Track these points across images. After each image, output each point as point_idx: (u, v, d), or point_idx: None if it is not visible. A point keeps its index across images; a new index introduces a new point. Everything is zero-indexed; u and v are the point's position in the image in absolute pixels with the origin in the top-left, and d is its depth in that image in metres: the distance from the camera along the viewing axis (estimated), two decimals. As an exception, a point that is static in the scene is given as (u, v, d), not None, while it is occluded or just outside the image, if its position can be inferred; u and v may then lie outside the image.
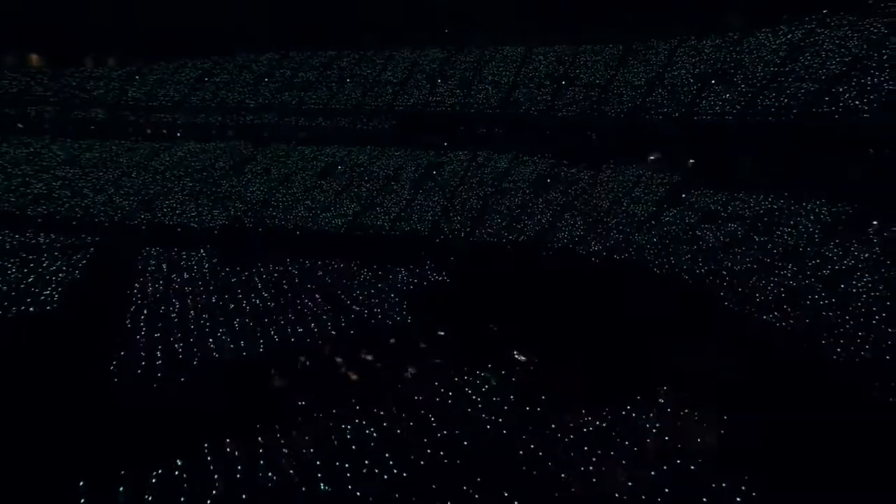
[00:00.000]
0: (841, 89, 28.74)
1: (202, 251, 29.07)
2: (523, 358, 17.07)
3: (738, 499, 10.30)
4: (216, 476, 10.79)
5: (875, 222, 25.65)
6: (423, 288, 24.45)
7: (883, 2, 32.78)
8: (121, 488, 10.26)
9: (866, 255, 22.36)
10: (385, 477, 10.95)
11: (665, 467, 11.21)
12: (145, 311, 19.80)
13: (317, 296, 22.11)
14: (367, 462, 11.28)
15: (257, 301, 21.51)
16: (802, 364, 16.83)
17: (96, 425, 12.63)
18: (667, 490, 10.56)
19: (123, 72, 55.84)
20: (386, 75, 48.26)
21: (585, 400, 13.71)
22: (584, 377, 15.19)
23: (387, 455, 11.54)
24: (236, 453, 11.55)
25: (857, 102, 27.52)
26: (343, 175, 42.04)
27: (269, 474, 10.89)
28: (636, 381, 14.88)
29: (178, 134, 49.79)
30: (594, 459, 11.50)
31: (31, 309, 20.37)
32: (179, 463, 10.98)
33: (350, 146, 45.44)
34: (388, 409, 13.38)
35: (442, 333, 18.81)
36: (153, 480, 10.52)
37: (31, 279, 23.11)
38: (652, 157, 39.90)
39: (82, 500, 9.99)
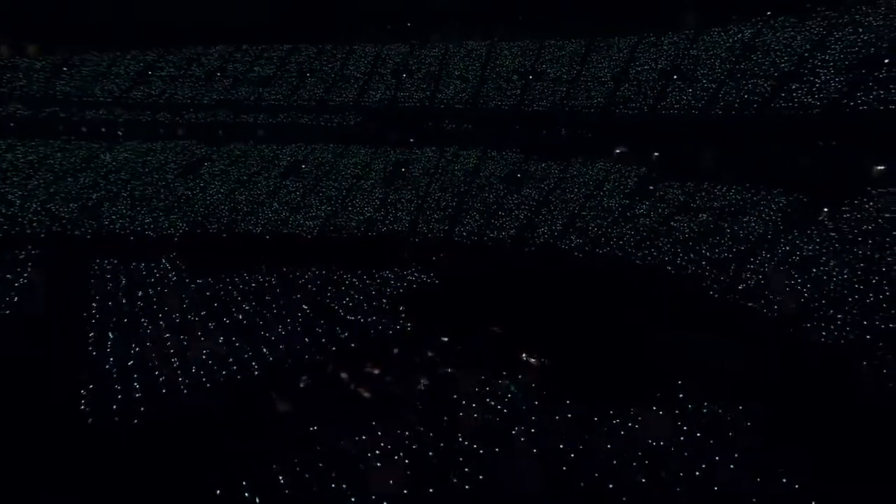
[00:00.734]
0: (793, 87, 30.65)
1: (164, 261, 26.73)
2: (533, 360, 16.92)
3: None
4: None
5: (826, 209, 27.75)
6: (412, 291, 23.76)
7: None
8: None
9: (825, 240, 24.03)
10: None
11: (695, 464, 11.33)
12: (111, 335, 17.67)
13: (304, 306, 20.85)
14: (402, 491, 10.58)
15: (239, 316, 19.91)
16: (796, 350, 17.78)
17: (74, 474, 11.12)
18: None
19: (48, 62, 50.35)
20: (349, 70, 46.58)
21: (607, 400, 13.68)
22: (600, 377, 15.23)
23: (421, 482, 10.90)
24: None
25: (808, 99, 29.46)
26: (309, 175, 40.26)
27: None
28: (651, 378, 15.10)
29: (120, 133, 45.68)
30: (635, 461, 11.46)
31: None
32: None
33: (313, 144, 43.61)
34: (411, 428, 12.66)
35: (446, 339, 18.28)
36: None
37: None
38: (618, 151, 41.09)
39: None
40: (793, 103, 29.84)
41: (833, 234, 24.44)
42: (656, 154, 39.12)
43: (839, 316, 18.60)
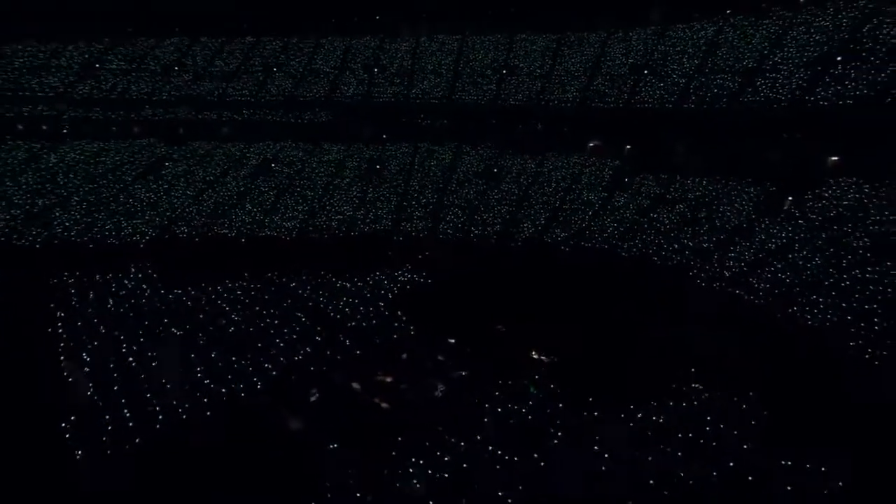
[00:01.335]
0: (758, 82, 32.18)
1: (134, 271, 24.73)
2: (543, 358, 16.90)
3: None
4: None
5: (790, 198, 29.45)
6: (407, 292, 23.22)
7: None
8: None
9: (795, 227, 25.47)
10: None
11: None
12: (87, 358, 15.91)
13: (299, 314, 19.86)
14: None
15: (231, 328, 18.61)
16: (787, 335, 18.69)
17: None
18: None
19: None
20: (317, 64, 44.89)
21: (627, 395, 13.83)
22: (612, 371, 15.40)
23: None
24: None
25: (772, 94, 31.03)
26: (281, 174, 38.59)
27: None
28: (663, 369, 15.40)
29: (65, 131, 42.02)
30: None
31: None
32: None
33: (282, 142, 41.83)
34: (438, 438, 12.22)
35: (452, 341, 17.95)
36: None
37: None
38: (591, 144, 41.90)
39: None
40: (759, 98, 31.32)
41: (802, 221, 25.97)
42: (628, 147, 40.24)
43: (820, 300, 19.76)
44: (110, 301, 20.71)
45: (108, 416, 12.95)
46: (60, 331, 17.94)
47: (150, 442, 12.33)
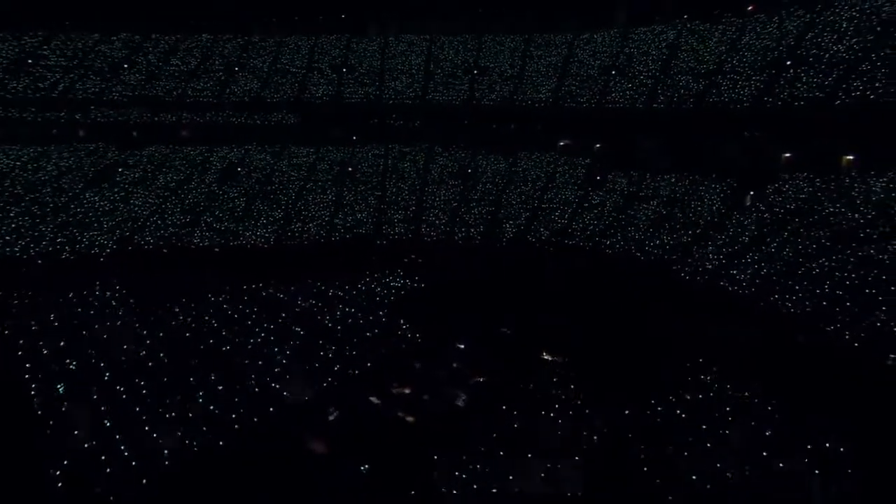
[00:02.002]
0: (721, 83, 34.01)
1: (99, 287, 22.57)
2: (554, 358, 16.99)
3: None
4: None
5: (751, 192, 31.40)
6: (401, 297, 22.68)
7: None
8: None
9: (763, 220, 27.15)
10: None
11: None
12: (61, 391, 14.04)
13: (298, 329, 18.84)
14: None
15: (226, 347, 17.26)
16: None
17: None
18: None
19: None
20: (282, 64, 43.06)
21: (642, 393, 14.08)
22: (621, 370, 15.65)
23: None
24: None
25: (734, 94, 32.89)
26: (248, 178, 36.72)
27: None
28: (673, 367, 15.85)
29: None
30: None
31: None
32: None
33: (247, 145, 39.83)
34: (476, 450, 11.92)
35: (462, 346, 17.69)
36: None
37: None
38: (562, 143, 42.81)
39: None
40: (722, 98, 33.10)
41: (766, 214, 27.74)
42: (598, 146, 41.43)
43: (797, 287, 21.12)
44: (79, 321, 18.80)
45: (103, 458, 11.53)
46: (26, 360, 16.05)
47: (159, 482, 11.12)
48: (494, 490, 10.76)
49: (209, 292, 21.62)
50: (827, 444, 11.66)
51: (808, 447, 11.60)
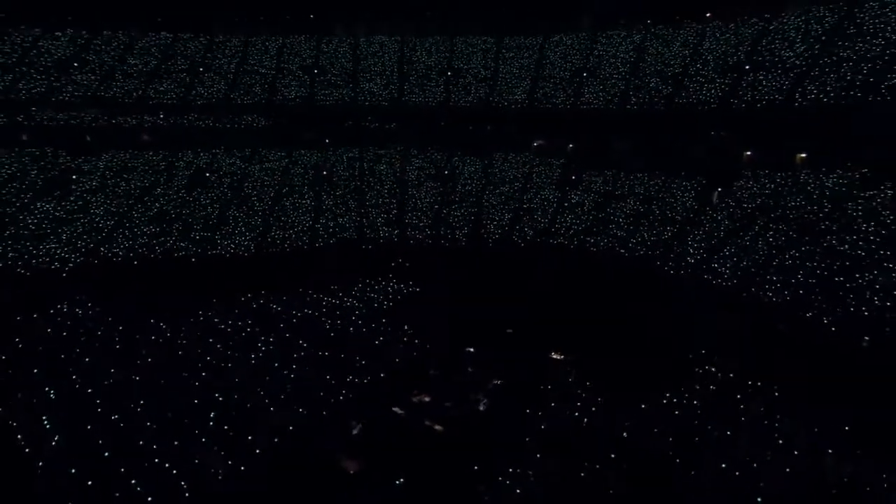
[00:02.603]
0: (690, 86, 35.63)
1: (67, 304, 20.62)
2: (562, 357, 17.16)
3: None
4: None
5: (718, 189, 33.09)
6: (398, 302, 22.23)
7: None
8: None
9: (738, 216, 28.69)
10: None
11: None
12: (48, 422, 12.76)
13: (300, 341, 17.96)
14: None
15: (228, 364, 16.20)
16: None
17: None
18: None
19: None
20: (250, 65, 41.26)
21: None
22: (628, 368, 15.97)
23: None
24: None
25: (702, 96, 34.55)
26: (219, 184, 34.91)
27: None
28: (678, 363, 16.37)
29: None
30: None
31: None
32: None
33: (214, 149, 37.89)
34: (519, 456, 11.76)
35: (471, 350, 17.54)
36: None
37: None
38: (535, 144, 43.51)
39: None
40: (690, 99, 34.69)
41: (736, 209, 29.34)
42: (571, 146, 42.40)
43: (776, 278, 22.43)
44: (52, 342, 17.13)
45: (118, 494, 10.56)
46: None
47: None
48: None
49: (195, 305, 20.30)
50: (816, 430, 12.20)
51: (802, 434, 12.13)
